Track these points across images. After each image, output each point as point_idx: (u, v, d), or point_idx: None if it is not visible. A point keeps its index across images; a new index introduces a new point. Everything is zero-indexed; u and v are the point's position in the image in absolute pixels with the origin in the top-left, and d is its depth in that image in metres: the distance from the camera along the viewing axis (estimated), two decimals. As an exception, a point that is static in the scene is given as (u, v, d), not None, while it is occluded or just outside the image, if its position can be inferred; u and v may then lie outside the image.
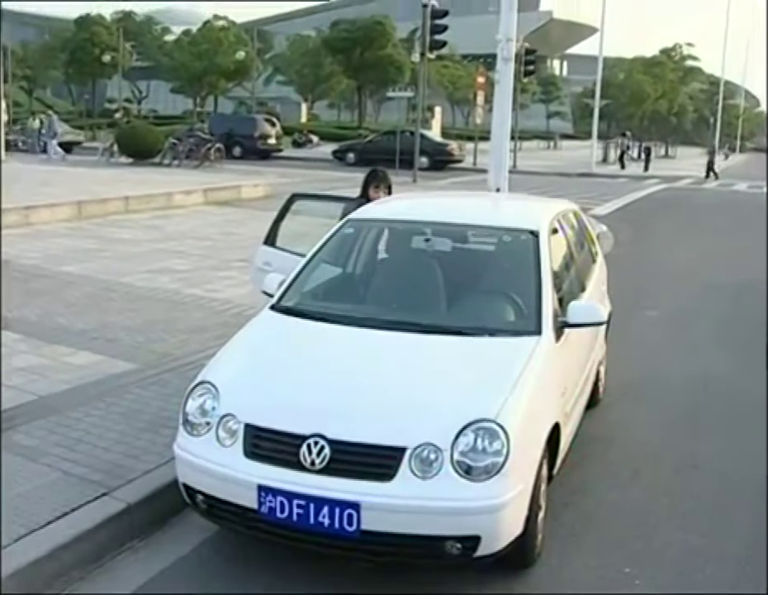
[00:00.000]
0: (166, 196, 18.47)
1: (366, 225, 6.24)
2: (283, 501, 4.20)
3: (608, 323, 7.34)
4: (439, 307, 5.40)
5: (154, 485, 5.15)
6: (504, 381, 4.49)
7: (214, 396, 4.61)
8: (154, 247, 13.42)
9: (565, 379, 5.23)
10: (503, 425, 4.20)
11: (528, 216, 6.33)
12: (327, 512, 4.13)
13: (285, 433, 4.31)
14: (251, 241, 14.08)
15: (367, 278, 6.02)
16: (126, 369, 7.21)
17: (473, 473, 4.13)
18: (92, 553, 4.61)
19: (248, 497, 4.29)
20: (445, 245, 6.03)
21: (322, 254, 5.92)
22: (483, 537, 4.14)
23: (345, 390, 4.53)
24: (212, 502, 4.50)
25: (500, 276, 5.77)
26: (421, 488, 4.10)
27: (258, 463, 4.31)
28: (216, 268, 12.03)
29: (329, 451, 4.19)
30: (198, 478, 4.53)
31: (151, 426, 5.99)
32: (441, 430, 4.19)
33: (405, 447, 4.14)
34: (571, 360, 5.53)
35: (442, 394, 4.44)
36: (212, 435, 4.51)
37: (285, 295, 5.59)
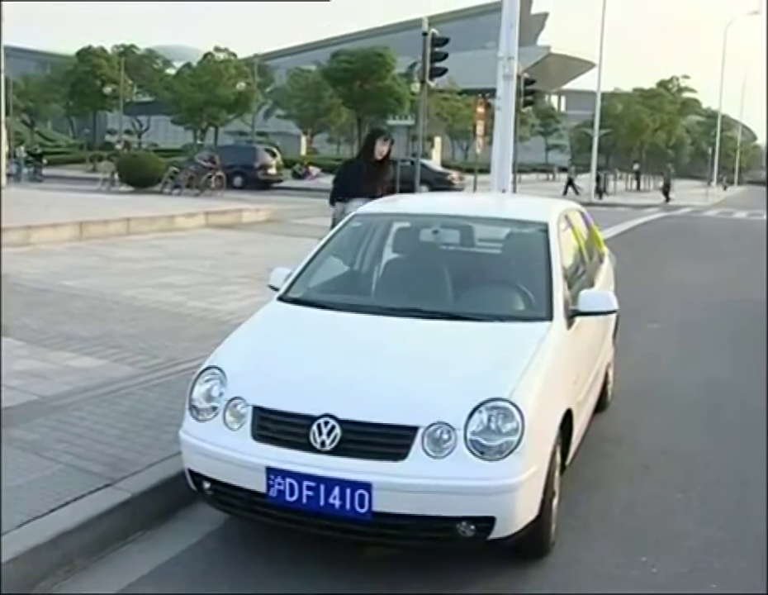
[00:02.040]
0: (168, 218, 18.43)
1: (374, 219, 6.19)
2: (293, 483, 4.10)
3: (615, 328, 7.29)
4: (449, 295, 5.34)
5: (158, 477, 5.05)
6: (517, 362, 4.42)
7: (221, 380, 4.53)
8: (156, 264, 13.35)
9: (577, 368, 5.15)
10: (517, 404, 4.12)
11: (536, 209, 6.30)
12: (338, 493, 4.03)
13: (294, 414, 4.23)
14: (254, 260, 14.21)
15: (375, 270, 5.96)
16: (130, 373, 7.12)
17: (487, 453, 4.04)
18: (96, 542, 4.49)
19: (255, 481, 4.19)
20: (454, 236, 5.97)
21: (329, 248, 5.86)
22: (498, 518, 4.04)
23: (355, 371, 4.44)
24: (218, 487, 4.40)
25: (510, 266, 5.71)
26: (434, 468, 4.00)
27: (267, 445, 4.22)
28: (219, 283, 11.96)
29: (340, 431, 4.10)
30: (204, 462, 4.43)
31: (155, 424, 5.89)
32: (454, 408, 4.10)
33: (418, 426, 4.05)
34: (582, 352, 5.45)
35: (454, 374, 4.36)
36: (219, 419, 4.42)
37: (292, 287, 5.53)
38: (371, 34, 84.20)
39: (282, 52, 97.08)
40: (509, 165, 14.29)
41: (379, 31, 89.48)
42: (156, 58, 68.16)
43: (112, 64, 58.92)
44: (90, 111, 63.29)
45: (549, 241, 5.44)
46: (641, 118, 64.98)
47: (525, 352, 4.53)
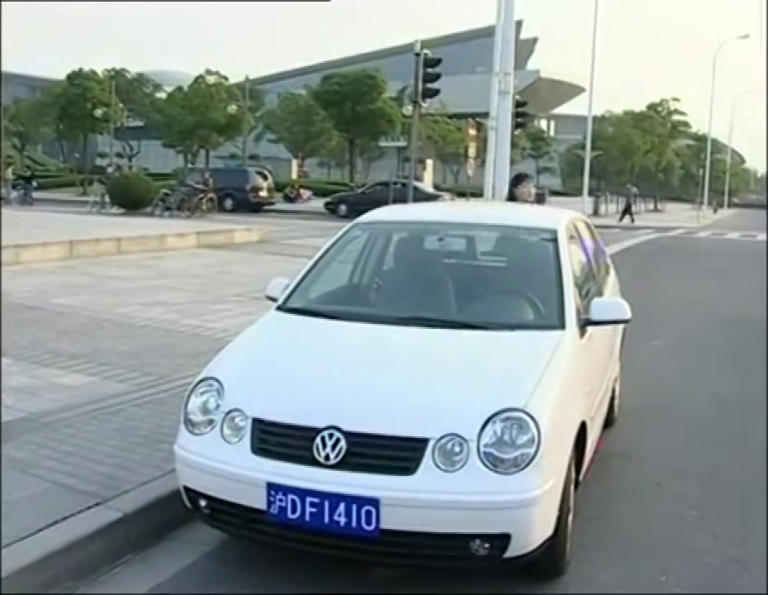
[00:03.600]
0: (159, 238, 18.20)
1: (376, 227, 5.98)
2: (295, 499, 3.87)
3: (622, 342, 7.10)
4: (456, 304, 5.13)
5: (152, 496, 4.82)
6: (531, 371, 4.21)
7: (218, 392, 4.31)
8: (147, 283, 13.11)
9: (590, 379, 4.94)
10: (532, 414, 3.90)
11: (544, 217, 6.13)
12: (343, 510, 3.80)
13: (297, 426, 4.00)
14: (247, 279, 13.99)
15: (379, 278, 5.73)
16: (120, 390, 6.89)
17: (502, 466, 3.82)
18: (86, 564, 4.26)
19: (255, 497, 3.96)
20: (461, 244, 5.77)
21: (329, 257, 5.64)
22: (513, 535, 3.81)
23: (361, 382, 4.22)
24: (216, 504, 4.16)
25: (520, 273, 5.51)
26: (446, 482, 3.78)
27: (267, 459, 3.99)
28: (212, 301, 11.72)
29: (345, 444, 3.88)
30: (200, 478, 4.19)
31: (147, 441, 5.67)
32: (466, 420, 3.89)
33: (428, 438, 3.84)
34: (594, 363, 5.25)
35: (466, 384, 4.15)
36: (216, 432, 4.19)
37: (291, 297, 5.31)
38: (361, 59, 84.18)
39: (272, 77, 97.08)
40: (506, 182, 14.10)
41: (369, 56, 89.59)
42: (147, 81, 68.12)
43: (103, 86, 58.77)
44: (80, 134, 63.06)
45: (559, 248, 5.26)
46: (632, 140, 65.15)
47: (539, 361, 4.32)
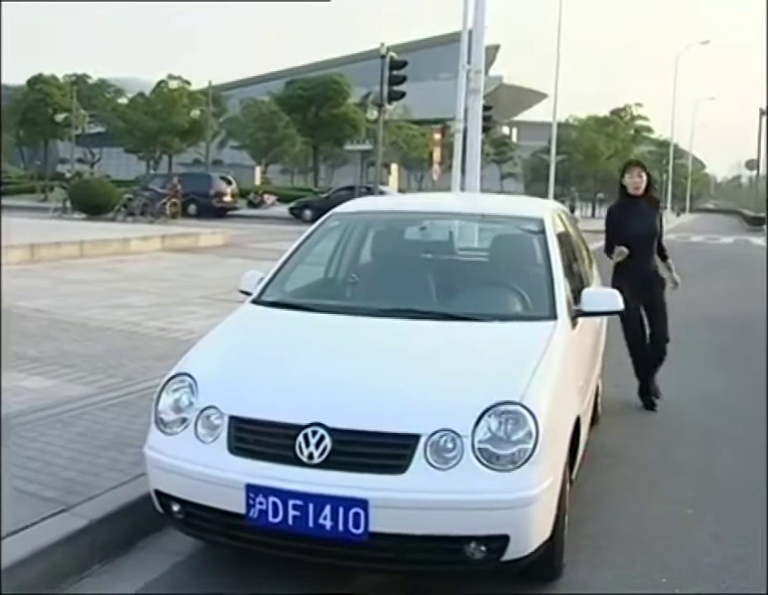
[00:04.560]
0: (122, 241, 17.79)
1: (354, 218, 5.72)
2: (276, 501, 3.59)
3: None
4: (443, 295, 4.88)
5: (119, 502, 4.51)
6: (525, 363, 3.96)
7: (191, 388, 4.01)
8: (111, 286, 12.73)
9: (582, 372, 4.71)
10: (529, 407, 3.65)
11: (528, 206, 5.91)
12: (329, 513, 3.53)
13: (277, 424, 3.72)
14: (214, 282, 13.67)
15: (360, 270, 5.46)
16: (85, 393, 6.56)
17: (498, 463, 3.57)
18: (49, 575, 3.94)
19: (234, 500, 3.67)
20: (447, 234, 5.52)
21: (305, 248, 5.36)
22: (512, 537, 3.56)
23: (345, 376, 3.95)
24: (190, 509, 3.86)
25: (507, 263, 5.27)
26: (439, 481, 3.52)
27: (246, 459, 3.71)
28: (177, 304, 11.38)
29: (330, 442, 3.60)
30: (173, 481, 3.89)
31: (113, 444, 5.36)
32: (459, 414, 3.63)
33: (419, 434, 3.57)
34: (585, 357, 5.02)
35: (457, 377, 3.89)
36: (190, 431, 3.90)
37: (266, 290, 5.02)
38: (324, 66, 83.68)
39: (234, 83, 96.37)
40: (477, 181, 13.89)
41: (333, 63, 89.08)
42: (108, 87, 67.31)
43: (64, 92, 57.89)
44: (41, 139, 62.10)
45: (546, 237, 5.03)
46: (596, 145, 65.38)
47: (533, 353, 4.07)
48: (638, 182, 7.15)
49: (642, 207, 7.21)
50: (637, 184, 7.15)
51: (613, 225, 7.28)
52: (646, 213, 7.21)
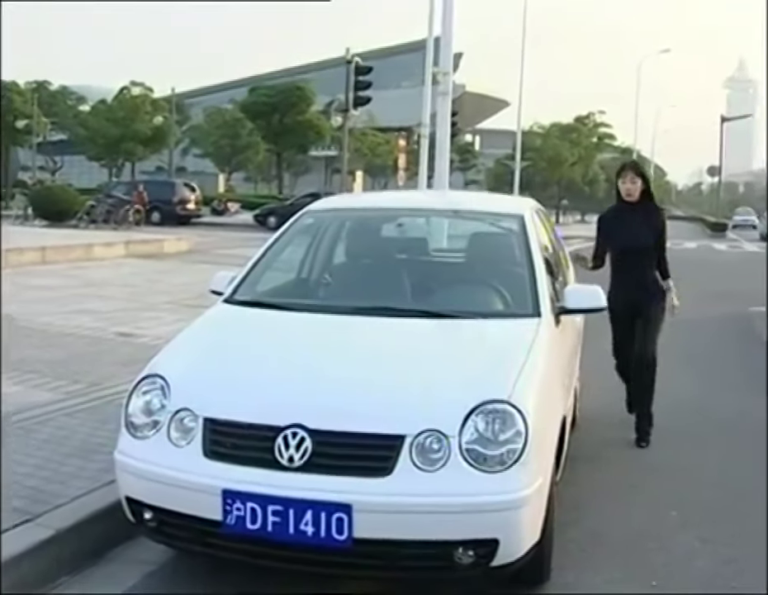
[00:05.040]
0: (85, 247, 17.47)
1: (329, 215, 5.56)
2: (255, 507, 3.42)
3: None
4: (423, 292, 4.73)
5: (87, 511, 4.33)
6: (512, 361, 3.83)
7: (163, 390, 3.84)
8: (73, 292, 12.46)
9: (566, 372, 4.59)
10: (518, 406, 3.52)
11: (507, 203, 5.80)
12: (311, 518, 3.37)
13: (255, 425, 3.56)
14: (179, 287, 13.45)
15: (336, 267, 5.31)
16: (49, 399, 6.34)
17: (487, 464, 3.43)
18: (14, 588, 3.73)
19: (209, 507, 3.50)
20: (423, 231, 5.38)
21: (279, 246, 5.19)
22: (502, 541, 3.42)
23: (325, 375, 3.78)
24: (163, 516, 3.69)
25: (488, 260, 5.13)
26: (425, 483, 3.38)
27: (222, 463, 3.54)
28: (143, 309, 11.15)
29: (311, 444, 3.45)
30: (145, 487, 3.71)
31: (79, 451, 5.17)
32: (446, 413, 3.49)
33: (404, 435, 3.43)
34: (568, 356, 4.90)
35: (442, 375, 3.75)
36: (162, 435, 3.72)
37: (239, 289, 4.84)
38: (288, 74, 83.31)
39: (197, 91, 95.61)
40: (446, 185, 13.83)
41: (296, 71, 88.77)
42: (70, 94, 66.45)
43: (25, 98, 57.02)
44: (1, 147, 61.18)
45: (527, 233, 4.92)
46: (560, 152, 65.62)
47: (519, 350, 3.94)
48: (631, 188, 6.33)
49: (637, 216, 6.38)
50: (630, 191, 6.34)
51: (603, 233, 6.58)
52: (639, 223, 6.38)
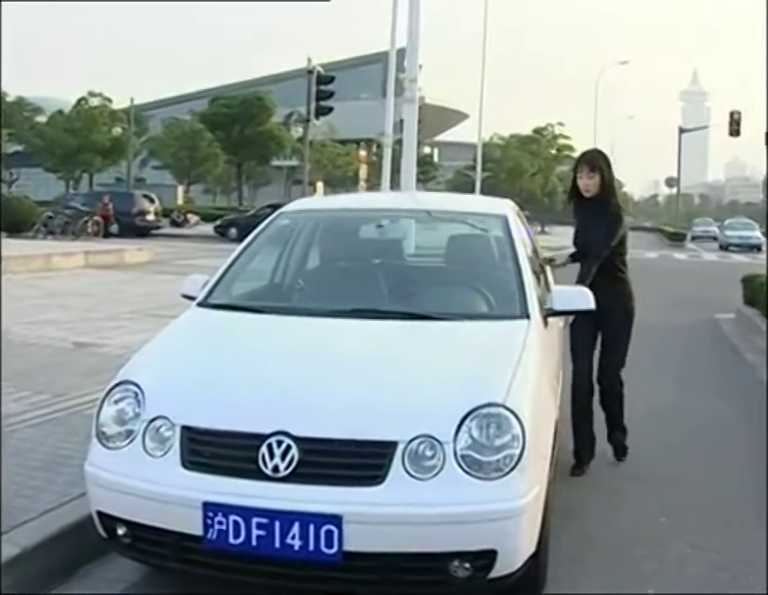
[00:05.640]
0: (44, 257, 17.07)
1: (304, 216, 5.39)
2: (238, 520, 3.23)
3: None
4: (407, 294, 4.57)
5: (56, 527, 4.10)
6: (504, 363, 3.68)
7: (137, 398, 3.62)
8: (34, 302, 12.11)
9: (555, 374, 4.45)
10: (513, 409, 3.37)
11: (489, 204, 5.65)
12: (298, 531, 3.18)
13: (237, 433, 3.37)
14: (142, 297, 13.20)
15: (316, 269, 5.12)
16: (12, 410, 6.07)
17: (483, 471, 3.27)
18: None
19: (189, 521, 3.30)
20: (405, 232, 5.22)
21: (254, 248, 4.99)
22: (500, 552, 3.25)
23: (310, 379, 3.60)
24: (138, 532, 3.47)
25: (473, 261, 4.98)
26: (419, 492, 3.21)
27: (202, 474, 3.34)
28: (106, 319, 10.86)
29: (297, 452, 3.26)
30: (119, 501, 3.49)
31: (46, 464, 4.93)
32: (439, 418, 3.33)
33: (396, 441, 3.26)
34: (556, 358, 4.76)
35: (434, 379, 3.58)
36: (137, 445, 3.51)
37: (214, 292, 4.63)
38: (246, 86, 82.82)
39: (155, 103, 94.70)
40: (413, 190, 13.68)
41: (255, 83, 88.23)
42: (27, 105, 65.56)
43: (-21, 110, 56.24)
44: (-45, 159, 60.21)
45: (512, 234, 4.78)
46: (520, 163, 66.00)
47: (511, 352, 3.79)
48: (588, 183, 5.61)
49: (594, 213, 5.67)
50: (587, 186, 5.62)
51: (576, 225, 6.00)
52: (595, 220, 5.66)
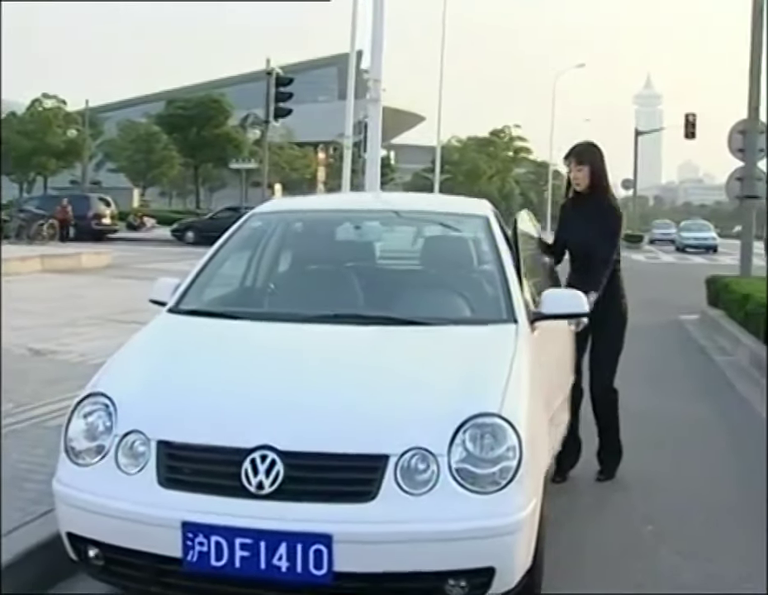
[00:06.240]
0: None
1: (278, 217, 5.20)
2: (220, 541, 3.04)
3: None
4: (388, 298, 4.37)
5: (19, 548, 3.86)
6: (496, 370, 3.52)
7: (108, 411, 3.40)
8: (-11, 308, 11.78)
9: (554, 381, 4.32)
10: (509, 419, 3.22)
11: (467, 204, 5.49)
12: (285, 552, 3.00)
13: (218, 448, 3.18)
14: (102, 302, 12.99)
15: (289, 272, 4.91)
16: (-32, 423, 5.80)
17: (479, 484, 3.11)
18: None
19: (167, 542, 3.10)
20: (384, 234, 5.05)
21: (227, 251, 4.77)
22: (498, 569, 3.09)
23: (294, 390, 3.41)
24: (112, 554, 3.26)
25: (456, 263, 4.80)
26: (413, 508, 3.04)
27: (181, 492, 3.15)
28: (65, 325, 10.56)
29: (283, 468, 3.08)
30: (90, 521, 3.28)
31: (8, 480, 4.67)
32: (432, 430, 3.16)
33: (388, 455, 3.09)
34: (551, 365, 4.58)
35: (424, 388, 3.41)
36: (109, 461, 3.30)
37: (185, 297, 4.41)
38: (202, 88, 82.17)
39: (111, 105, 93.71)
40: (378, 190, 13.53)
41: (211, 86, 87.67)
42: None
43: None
44: None
45: (494, 235, 4.62)
46: (478, 165, 66.28)
47: (502, 358, 3.63)
48: (577, 176, 5.26)
49: (587, 209, 5.32)
50: (576, 179, 5.28)
51: (560, 224, 5.65)
52: (587, 218, 5.28)
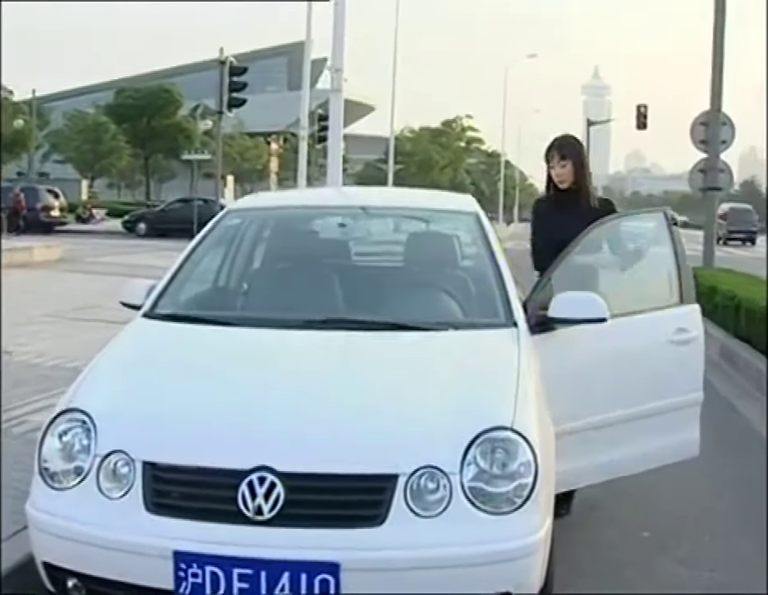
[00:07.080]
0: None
1: (255, 214, 4.93)
2: (217, 572, 2.79)
3: None
4: (380, 301, 4.12)
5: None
6: (504, 380, 3.31)
7: (86, 427, 3.12)
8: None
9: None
10: (523, 433, 3.01)
11: (454, 200, 5.28)
12: (288, 583, 2.78)
13: (211, 470, 2.92)
14: (56, 298, 12.57)
15: (272, 274, 4.63)
16: None
17: (494, 503, 2.91)
18: None
19: (157, 573, 2.85)
20: (373, 231, 4.81)
21: (202, 251, 4.49)
22: (514, 594, 2.88)
23: (292, 404, 3.15)
24: (94, 586, 3.00)
25: (448, 264, 4.54)
26: (424, 532, 2.83)
27: (171, 518, 2.89)
28: (19, 324, 10.09)
29: (283, 490, 2.84)
30: (68, 550, 3.01)
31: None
32: (443, 446, 2.95)
33: (397, 474, 2.87)
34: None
35: (431, 400, 3.18)
36: (89, 484, 3.03)
37: (161, 301, 4.11)
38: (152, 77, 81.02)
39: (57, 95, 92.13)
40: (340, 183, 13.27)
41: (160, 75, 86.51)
42: None
43: None
44: None
45: (486, 233, 4.40)
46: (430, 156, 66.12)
47: (507, 367, 3.41)
48: (561, 173, 4.87)
49: (571, 207, 4.84)
50: (560, 176, 4.88)
51: (534, 225, 5.27)
52: (572, 216, 4.72)
